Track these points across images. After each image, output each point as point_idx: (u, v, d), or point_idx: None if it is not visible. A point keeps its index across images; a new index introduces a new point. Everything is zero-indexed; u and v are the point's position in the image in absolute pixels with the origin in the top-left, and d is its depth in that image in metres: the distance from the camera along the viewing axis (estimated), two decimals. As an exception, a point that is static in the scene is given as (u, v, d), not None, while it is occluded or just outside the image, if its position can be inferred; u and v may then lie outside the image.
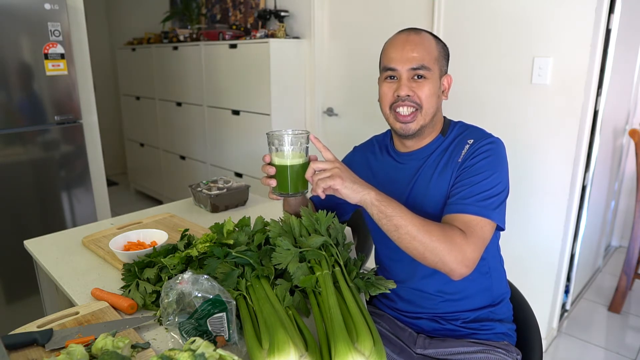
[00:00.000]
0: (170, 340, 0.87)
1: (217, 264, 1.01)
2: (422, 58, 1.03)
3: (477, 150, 1.03)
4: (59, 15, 2.01)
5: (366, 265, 1.39)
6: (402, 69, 1.04)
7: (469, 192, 0.98)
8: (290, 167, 1.01)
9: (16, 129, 2.01)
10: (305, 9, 2.73)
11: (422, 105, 1.05)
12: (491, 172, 1.00)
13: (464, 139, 1.08)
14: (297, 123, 2.87)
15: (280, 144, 1.01)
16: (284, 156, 1.01)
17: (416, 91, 1.04)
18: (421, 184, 1.09)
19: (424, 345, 1.10)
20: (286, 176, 1.01)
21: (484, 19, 1.97)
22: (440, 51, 1.07)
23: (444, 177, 1.05)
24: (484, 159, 1.01)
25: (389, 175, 1.15)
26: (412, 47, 1.04)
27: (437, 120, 1.11)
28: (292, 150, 1.00)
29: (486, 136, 1.06)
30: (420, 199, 1.08)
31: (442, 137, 1.11)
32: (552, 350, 2.13)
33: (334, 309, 0.82)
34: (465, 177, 1.01)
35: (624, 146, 2.82)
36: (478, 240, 0.94)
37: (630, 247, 2.38)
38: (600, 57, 1.81)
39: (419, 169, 1.10)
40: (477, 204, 0.97)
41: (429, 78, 1.04)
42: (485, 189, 0.98)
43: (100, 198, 2.51)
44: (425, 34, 1.07)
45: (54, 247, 1.33)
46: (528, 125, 1.92)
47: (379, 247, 1.24)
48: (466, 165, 1.03)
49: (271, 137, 1.02)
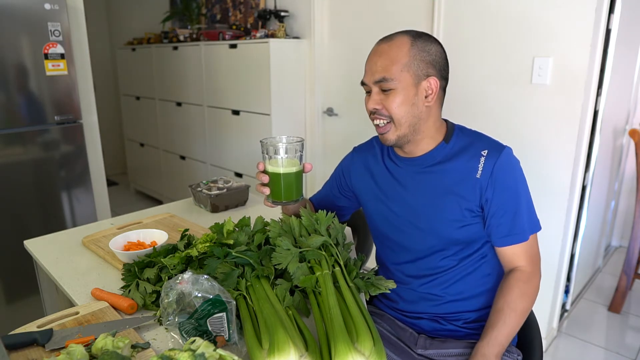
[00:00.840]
0: (170, 340, 0.87)
1: (217, 264, 1.01)
2: (384, 69, 1.00)
3: (501, 171, 1.02)
4: (59, 15, 2.01)
5: (366, 265, 1.39)
6: (369, 82, 1.03)
7: (515, 220, 1.03)
8: (284, 175, 1.01)
9: (16, 129, 2.01)
10: (305, 9, 2.73)
11: (392, 117, 1.02)
12: (520, 191, 1.04)
13: (477, 150, 1.04)
14: (297, 123, 2.88)
15: (274, 152, 1.01)
16: (278, 164, 1.01)
17: (384, 103, 1.01)
18: (431, 194, 1.06)
19: (425, 345, 1.10)
20: (280, 184, 1.02)
21: (484, 19, 1.97)
22: (415, 55, 1.00)
23: (463, 193, 1.03)
24: (513, 182, 1.03)
25: (389, 179, 1.14)
26: (376, 59, 1.02)
27: (429, 127, 1.06)
28: (286, 158, 1.00)
29: (499, 147, 1.04)
30: (433, 213, 1.06)
31: (445, 144, 1.07)
32: (552, 350, 2.13)
33: (334, 309, 0.82)
34: (503, 207, 1.02)
35: (624, 146, 2.82)
36: (537, 260, 1.07)
37: (630, 247, 2.38)
38: (600, 57, 1.81)
39: (424, 177, 1.08)
40: (527, 229, 1.04)
41: (395, 88, 1.00)
42: (525, 210, 1.04)
43: (100, 198, 2.51)
44: (397, 40, 1.01)
45: (54, 247, 1.33)
46: (528, 125, 1.92)
47: (380, 249, 1.24)
48: (496, 193, 1.02)
49: (265, 145, 1.02)
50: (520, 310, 1.00)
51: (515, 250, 1.05)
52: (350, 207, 1.32)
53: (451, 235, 1.06)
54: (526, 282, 1.03)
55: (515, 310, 1.00)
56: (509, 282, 1.03)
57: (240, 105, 2.93)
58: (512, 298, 1.01)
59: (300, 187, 1.06)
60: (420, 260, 1.11)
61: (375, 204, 1.17)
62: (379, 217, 1.17)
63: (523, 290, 1.02)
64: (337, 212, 1.26)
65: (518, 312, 1.00)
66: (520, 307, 1.00)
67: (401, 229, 1.12)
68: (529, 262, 1.05)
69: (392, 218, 1.13)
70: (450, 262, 1.08)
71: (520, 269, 1.05)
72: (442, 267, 1.09)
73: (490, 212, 1.03)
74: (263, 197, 1.11)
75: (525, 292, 1.02)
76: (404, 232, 1.12)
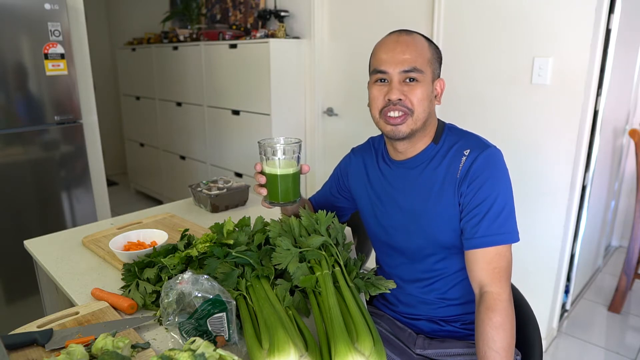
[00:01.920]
0: (170, 340, 0.87)
1: (217, 264, 1.01)
2: (414, 60, 0.98)
3: (477, 168, 0.98)
4: (59, 15, 2.01)
5: (366, 265, 1.39)
6: (393, 71, 0.99)
7: (483, 224, 0.96)
8: (281, 177, 1.01)
9: (16, 129, 2.01)
10: (305, 9, 2.73)
11: (413, 110, 0.99)
12: (496, 193, 0.97)
13: (460, 149, 1.02)
14: (297, 123, 2.88)
15: (272, 153, 1.01)
16: (275, 165, 1.01)
17: (408, 95, 0.99)
18: (421, 198, 1.05)
19: (424, 345, 1.10)
20: (277, 185, 1.02)
21: (484, 19, 1.97)
22: (432, 54, 1.02)
23: (445, 194, 1.02)
24: (487, 180, 0.97)
25: (384, 184, 1.13)
26: (403, 49, 0.99)
27: (429, 125, 1.06)
28: (284, 160, 1.00)
29: (482, 146, 1.01)
30: (425, 217, 1.05)
31: (435, 145, 1.06)
32: (552, 350, 2.13)
33: (334, 309, 0.82)
34: (473, 206, 0.97)
35: (624, 146, 2.82)
36: (504, 276, 0.95)
37: (630, 247, 2.38)
38: (600, 57, 1.81)
39: (416, 181, 1.07)
40: (494, 235, 0.96)
41: (421, 81, 0.99)
42: (498, 215, 0.96)
43: (100, 198, 2.51)
44: (417, 35, 1.02)
45: (54, 247, 1.33)
46: (528, 125, 1.92)
47: (377, 252, 1.24)
48: (470, 189, 0.98)
49: (262, 146, 1.02)
50: (504, 348, 0.90)
51: (478, 257, 0.96)
52: (349, 207, 1.32)
53: (439, 238, 1.04)
54: (495, 310, 0.92)
55: (499, 350, 0.89)
56: (480, 316, 0.94)
57: (240, 105, 2.93)
58: (488, 337, 0.91)
59: (297, 188, 1.06)
60: (414, 263, 1.11)
61: (369, 206, 1.16)
62: (373, 219, 1.16)
63: (495, 323, 0.91)
64: (337, 212, 1.25)
65: (503, 350, 0.89)
66: (500, 345, 0.89)
67: (394, 232, 1.11)
68: (493, 279, 0.94)
69: (385, 221, 1.13)
70: (444, 266, 1.08)
71: (486, 290, 0.95)
72: (436, 270, 1.09)
73: (462, 210, 0.99)
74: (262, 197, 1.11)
75: (498, 325, 0.91)
76: (396, 235, 1.11)
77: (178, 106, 3.53)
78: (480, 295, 0.96)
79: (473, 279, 0.98)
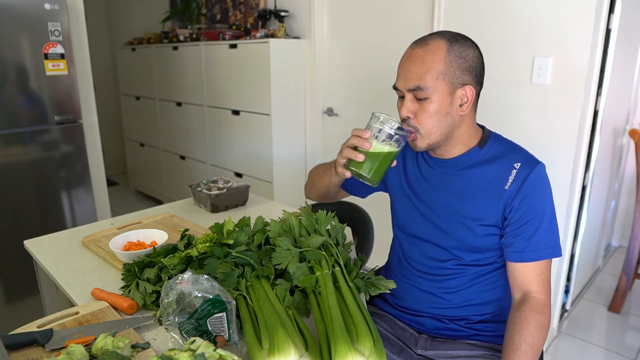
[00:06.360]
0: (170, 340, 0.87)
1: (217, 264, 1.01)
2: (418, 77, 0.95)
3: (530, 185, 1.00)
4: (59, 15, 2.01)
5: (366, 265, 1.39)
6: (403, 88, 0.99)
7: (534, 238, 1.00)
8: (385, 155, 0.99)
9: (16, 129, 2.01)
10: (305, 9, 2.73)
11: (418, 129, 0.99)
12: (547, 209, 1.01)
13: (510, 162, 1.02)
14: (297, 123, 2.88)
15: (388, 129, 0.97)
16: (385, 142, 0.98)
17: (418, 112, 0.98)
18: (458, 197, 1.05)
19: (425, 346, 1.10)
20: (377, 161, 0.99)
21: (484, 19, 1.97)
22: (451, 62, 0.95)
23: (489, 200, 1.02)
24: (539, 198, 1.00)
25: (420, 178, 1.13)
26: (410, 65, 0.97)
27: (462, 134, 1.04)
28: (393, 141, 0.98)
29: (533, 162, 1.02)
30: (458, 216, 1.05)
31: (479, 149, 1.05)
32: (552, 350, 2.13)
33: (334, 309, 0.82)
34: (525, 221, 1.00)
35: (624, 146, 2.82)
36: (549, 287, 1.02)
37: (630, 247, 2.37)
38: (600, 57, 1.81)
39: (453, 179, 1.07)
40: (544, 250, 1.00)
41: (430, 97, 0.96)
42: (546, 230, 1.00)
43: (100, 198, 2.51)
44: (433, 44, 0.96)
45: (54, 247, 1.33)
46: (528, 125, 1.92)
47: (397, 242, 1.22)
48: (522, 205, 0.99)
49: (380, 123, 0.97)
50: (537, 346, 0.94)
51: (528, 269, 1.00)
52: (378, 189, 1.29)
53: (468, 240, 1.05)
54: (541, 312, 0.97)
55: (533, 347, 0.93)
56: (524, 314, 0.97)
57: (240, 105, 2.93)
58: (529, 332, 0.94)
59: (383, 174, 1.02)
60: (435, 260, 1.11)
61: (403, 199, 1.16)
62: (404, 212, 1.16)
63: (539, 323, 0.96)
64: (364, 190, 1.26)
65: (535, 349, 0.94)
66: (537, 342, 0.94)
67: (423, 227, 1.12)
68: (541, 288, 1.00)
69: (416, 216, 1.13)
70: (462, 267, 1.08)
71: (533, 296, 0.99)
72: (454, 270, 1.09)
73: (510, 224, 1.01)
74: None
75: (541, 325, 0.96)
76: (425, 230, 1.11)
77: (178, 106, 3.53)
78: (523, 299, 1.01)
79: (519, 286, 1.02)
